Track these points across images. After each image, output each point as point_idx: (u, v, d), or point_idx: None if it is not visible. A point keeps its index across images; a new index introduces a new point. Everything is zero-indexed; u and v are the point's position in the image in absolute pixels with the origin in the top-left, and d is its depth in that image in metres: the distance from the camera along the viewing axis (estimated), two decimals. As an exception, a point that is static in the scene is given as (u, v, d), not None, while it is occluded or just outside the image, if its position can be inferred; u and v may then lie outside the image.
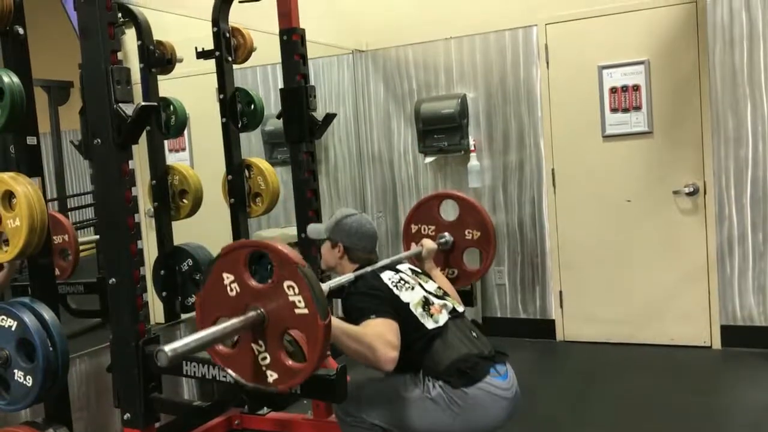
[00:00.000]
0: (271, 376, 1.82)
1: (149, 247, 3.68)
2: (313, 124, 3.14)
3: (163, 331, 3.31)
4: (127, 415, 2.16)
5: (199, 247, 3.43)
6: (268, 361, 1.82)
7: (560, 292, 4.77)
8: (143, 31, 3.25)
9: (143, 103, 2.00)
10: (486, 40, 4.83)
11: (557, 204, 4.73)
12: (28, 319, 2.08)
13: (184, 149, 5.55)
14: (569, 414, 3.54)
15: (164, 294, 3.41)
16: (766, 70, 4.15)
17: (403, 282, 2.51)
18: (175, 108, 3.36)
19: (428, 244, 2.97)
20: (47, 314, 2.11)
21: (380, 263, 2.61)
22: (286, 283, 1.74)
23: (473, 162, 4.81)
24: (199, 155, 5.24)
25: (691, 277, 4.40)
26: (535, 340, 4.80)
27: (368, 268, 2.54)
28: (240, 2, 3.24)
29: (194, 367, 2.06)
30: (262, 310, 1.79)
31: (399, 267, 2.65)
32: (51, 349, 2.08)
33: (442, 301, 2.55)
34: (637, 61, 4.42)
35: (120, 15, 3.24)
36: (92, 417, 2.82)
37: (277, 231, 4.84)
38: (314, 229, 2.83)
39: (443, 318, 2.47)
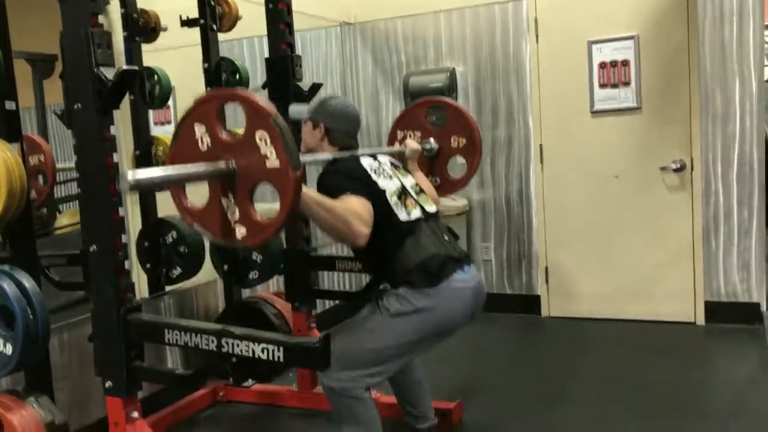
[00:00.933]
0: (240, 231, 1.79)
1: (134, 220, 3.65)
2: (298, 94, 3.10)
3: (147, 302, 3.28)
4: (108, 384, 2.15)
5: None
6: (237, 216, 1.79)
7: (546, 268, 4.78)
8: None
9: (124, 67, 1.96)
10: (475, 13, 4.79)
11: (545, 180, 4.72)
12: (7, 286, 2.04)
13: (169, 122, 5.49)
14: (553, 389, 3.56)
15: (148, 266, 3.39)
16: (755, 46, 4.14)
17: (382, 169, 2.51)
18: (159, 77, 3.30)
19: (412, 144, 2.94)
20: (27, 282, 2.08)
21: (362, 150, 2.59)
22: (257, 134, 1.71)
23: (461, 137, 4.78)
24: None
25: (677, 253, 4.42)
26: (520, 316, 4.82)
27: (348, 153, 2.52)
28: (225, -31, 3.18)
29: (176, 334, 2.04)
30: (233, 162, 1.76)
31: (379, 158, 2.63)
32: (31, 317, 2.05)
33: (416, 198, 2.55)
34: (627, 36, 4.40)
35: (103, -18, 3.19)
36: (74, 386, 2.80)
37: (265, 206, 4.80)
38: (297, 110, 2.79)
39: (416, 213, 2.47)
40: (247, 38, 5.02)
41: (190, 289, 3.56)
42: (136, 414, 2.19)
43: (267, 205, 5.21)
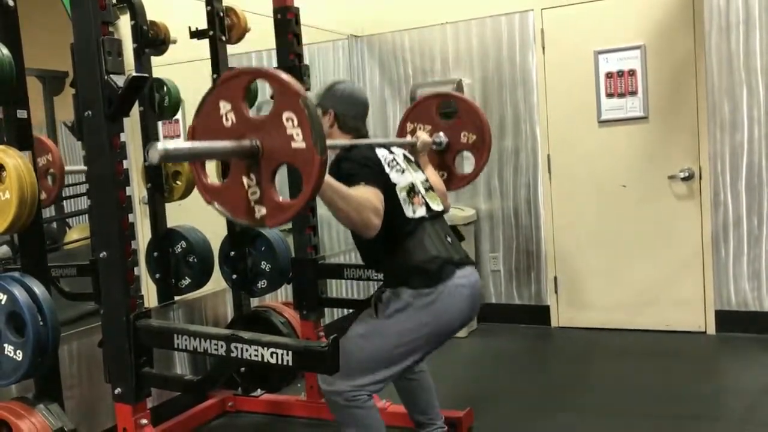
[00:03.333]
0: (260, 211, 1.75)
1: (143, 232, 3.67)
2: (307, 104, 3.12)
3: (157, 312, 3.29)
4: (117, 390, 2.15)
5: (193, 230, 3.42)
6: (258, 195, 1.75)
7: (555, 278, 4.76)
8: (137, 11, 3.23)
9: (134, 74, 1.99)
10: (482, 25, 4.81)
11: (553, 190, 4.72)
12: (18, 292, 2.06)
13: (179, 136, 5.54)
14: (563, 398, 3.54)
15: (158, 276, 3.40)
16: (762, 55, 4.15)
17: (395, 163, 2.50)
18: (169, 89, 3.33)
19: (423, 136, 2.91)
20: (38, 288, 2.09)
21: (376, 140, 2.58)
22: (285, 115, 1.67)
23: (469, 147, 4.80)
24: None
25: (687, 262, 4.40)
26: (529, 326, 4.80)
27: (365, 141, 2.51)
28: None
29: (185, 340, 2.04)
30: (257, 141, 1.73)
31: (393, 150, 2.62)
32: (41, 323, 2.06)
33: (424, 195, 2.54)
34: (633, 46, 4.41)
35: (114, -3, 3.23)
36: (84, 395, 2.81)
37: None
38: None
39: (420, 212, 2.46)
40: (255, 51, 5.07)
41: (199, 299, 3.57)
42: (145, 421, 2.19)
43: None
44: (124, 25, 3.36)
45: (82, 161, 4.50)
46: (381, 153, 2.49)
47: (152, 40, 3.28)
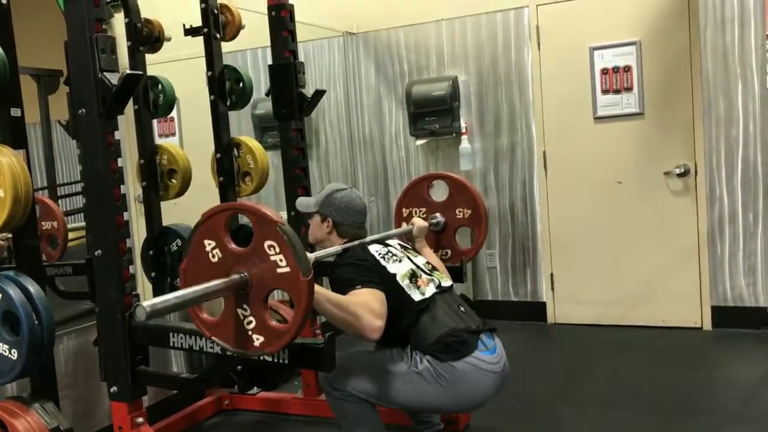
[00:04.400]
0: (258, 339, 1.81)
1: (139, 230, 3.66)
2: (302, 101, 3.12)
3: (152, 310, 3.28)
4: (113, 389, 2.15)
5: (188, 228, 3.40)
6: (253, 324, 1.81)
7: (551, 275, 4.76)
8: (131, 9, 3.21)
9: (128, 72, 1.98)
10: (477, 22, 4.81)
11: (549, 186, 4.72)
12: (13, 291, 2.05)
13: (174, 134, 5.53)
14: (560, 394, 3.54)
15: (153, 275, 3.39)
16: (757, 50, 4.15)
17: (390, 254, 2.52)
18: (164, 86, 3.32)
19: (419, 222, 2.97)
20: (32, 287, 2.08)
21: (369, 237, 2.61)
22: (266, 243, 1.74)
23: (464, 144, 4.80)
24: (189, 140, 5.21)
25: (682, 258, 4.40)
26: (526, 323, 4.80)
27: (356, 242, 2.53)
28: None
29: (181, 338, 2.04)
30: (245, 273, 1.78)
31: (388, 242, 2.65)
32: (36, 322, 2.05)
33: (429, 276, 2.55)
34: (629, 42, 4.41)
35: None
36: (79, 394, 2.80)
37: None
38: (303, 203, 2.82)
39: (430, 291, 2.47)
40: (250, 49, 5.06)
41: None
42: (141, 420, 2.19)
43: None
44: (119, 22, 3.35)
45: (77, 159, 4.50)
46: (374, 249, 2.52)
47: (146, 37, 3.27)
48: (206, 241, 1.84)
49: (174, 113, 4.67)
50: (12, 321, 2.05)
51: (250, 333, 1.82)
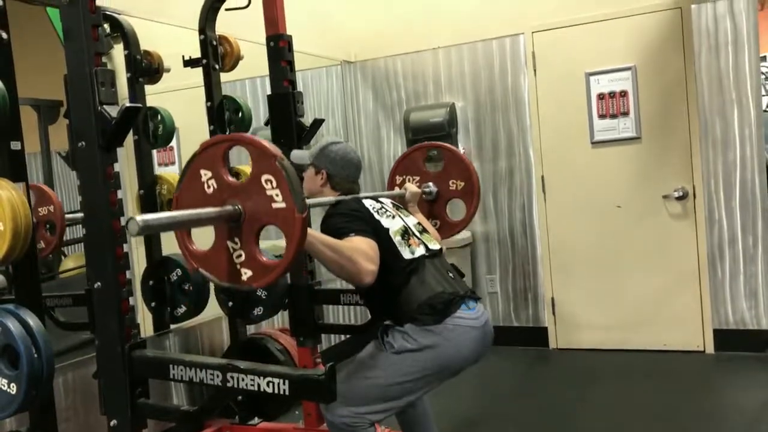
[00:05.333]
0: (246, 273, 1.78)
1: (139, 260, 3.65)
2: (301, 130, 3.13)
3: (153, 340, 3.27)
4: (113, 422, 2.12)
5: (188, 257, 3.40)
6: (243, 258, 1.78)
7: (552, 300, 4.75)
8: (130, 41, 3.25)
9: (127, 104, 1.99)
10: (473, 49, 4.85)
11: (548, 211, 4.73)
12: (12, 325, 2.04)
13: (173, 163, 5.54)
14: (563, 421, 3.51)
15: (153, 304, 3.38)
16: (752, 74, 4.19)
17: (384, 210, 2.51)
18: (163, 117, 3.34)
19: (411, 188, 2.95)
20: (32, 320, 2.07)
21: (363, 194, 2.61)
22: (263, 177, 1.71)
23: (463, 170, 4.81)
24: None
25: (683, 281, 4.40)
26: (528, 348, 4.78)
27: (350, 196, 2.54)
28: (227, 10, 3.24)
29: (181, 370, 2.02)
30: (239, 205, 1.76)
31: (381, 199, 2.65)
32: (36, 355, 2.04)
33: (419, 237, 2.54)
34: (624, 67, 4.45)
35: (107, 27, 3.25)
36: (79, 427, 2.78)
37: (268, 243, 4.82)
38: (298, 155, 2.78)
39: (420, 251, 2.45)
40: (249, 78, 5.09)
41: (195, 327, 3.55)
42: (141, 453, 2.16)
43: (271, 243, 5.19)
44: (118, 54, 3.38)
45: (77, 190, 4.50)
46: (368, 203, 2.51)
47: (146, 69, 3.30)
48: (202, 171, 1.82)
49: (174, 142, 4.68)
50: (11, 355, 2.04)
51: (238, 267, 1.79)
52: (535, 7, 4.68)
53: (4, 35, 2.16)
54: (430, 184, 3.11)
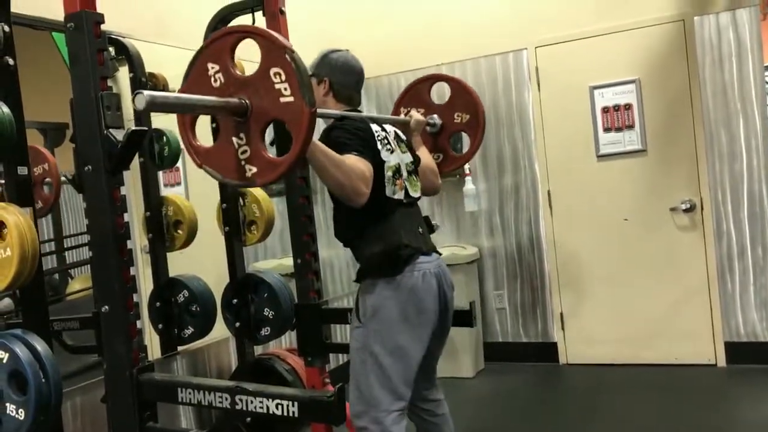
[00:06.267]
0: (250, 170, 1.74)
1: (145, 281, 3.65)
2: (306, 149, 3.13)
3: (160, 363, 3.26)
4: (122, 447, 2.11)
5: (194, 278, 3.40)
6: (248, 154, 1.74)
7: (561, 314, 4.73)
8: (135, 63, 3.26)
9: (133, 128, 1.99)
10: (476, 65, 4.87)
11: (555, 225, 4.72)
12: (20, 350, 2.04)
13: (179, 183, 5.55)
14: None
15: (160, 326, 3.37)
16: (756, 85, 4.18)
17: (386, 141, 2.47)
18: (168, 139, 3.35)
19: (417, 115, 2.89)
20: (40, 346, 2.07)
21: (369, 114, 2.57)
22: (272, 70, 1.66)
23: (469, 186, 4.81)
24: (195, 189, 5.23)
25: (693, 294, 4.37)
26: (537, 364, 4.75)
27: (358, 114, 2.51)
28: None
29: (189, 393, 2.02)
30: (246, 99, 1.72)
31: (386, 126, 2.59)
32: (43, 380, 2.03)
33: (406, 179, 2.51)
34: (628, 80, 4.46)
35: (113, 50, 3.27)
36: (87, 452, 2.76)
37: (274, 262, 4.81)
38: None
39: (399, 195, 2.45)
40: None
41: (202, 348, 3.54)
42: (150, 477, 2.15)
43: (276, 261, 5.16)
44: (123, 76, 3.40)
45: (84, 212, 4.51)
46: (374, 127, 2.46)
47: (151, 90, 3.31)
48: (209, 65, 1.77)
49: (180, 163, 4.68)
50: (19, 380, 2.03)
51: (243, 163, 1.75)
52: (538, 22, 4.69)
53: (11, 61, 2.18)
54: (435, 116, 3.05)
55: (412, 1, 5.06)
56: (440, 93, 3.22)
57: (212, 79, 1.77)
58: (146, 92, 1.58)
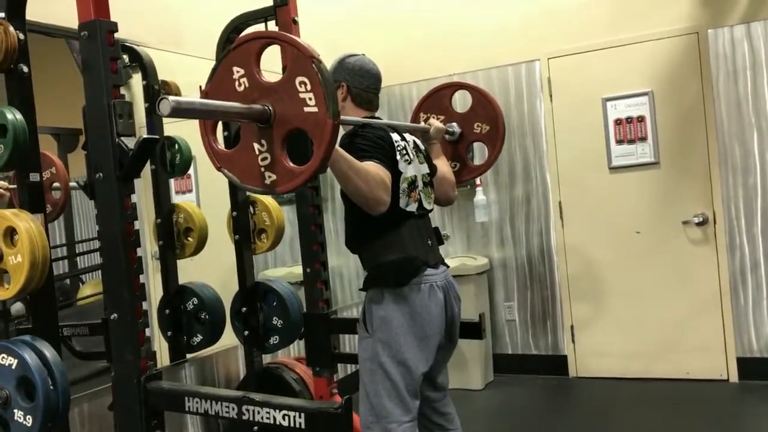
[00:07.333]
0: (270, 177, 1.72)
1: (155, 288, 3.66)
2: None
3: (168, 370, 3.26)
4: (128, 455, 2.10)
5: (204, 286, 3.40)
6: (268, 161, 1.72)
7: (572, 327, 4.69)
8: (148, 71, 3.28)
9: (145, 136, 2.00)
10: (489, 76, 4.86)
11: (566, 237, 4.69)
12: (29, 357, 2.04)
13: (191, 191, 5.57)
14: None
15: (169, 333, 3.37)
16: (771, 98, 4.15)
17: (405, 152, 2.46)
18: (180, 147, 3.36)
19: (436, 123, 2.87)
20: (48, 352, 2.07)
21: (390, 122, 2.54)
22: (298, 79, 1.64)
23: (479, 196, 4.80)
24: (206, 197, 5.24)
25: (705, 308, 4.33)
26: (547, 377, 4.71)
27: (380, 121, 2.49)
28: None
29: (196, 402, 2.01)
30: (270, 106, 1.70)
31: (406, 136, 2.57)
32: (52, 387, 2.04)
33: (421, 191, 2.51)
34: (641, 93, 4.43)
35: (126, 58, 3.29)
36: (95, 459, 2.76)
37: (283, 270, 4.81)
38: None
39: (412, 207, 2.44)
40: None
41: (211, 356, 3.53)
42: (156, 486, 2.14)
43: (286, 269, 5.16)
44: (136, 84, 3.42)
45: (95, 218, 4.52)
46: (395, 137, 2.45)
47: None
48: (235, 68, 1.75)
49: (191, 170, 4.71)
50: (28, 387, 2.04)
51: (262, 170, 1.73)
52: (551, 33, 4.68)
53: (25, 69, 2.20)
54: (454, 124, 3.04)
55: (425, 12, 5.06)
56: (460, 101, 3.21)
57: (237, 82, 1.77)
58: (171, 98, 1.56)
